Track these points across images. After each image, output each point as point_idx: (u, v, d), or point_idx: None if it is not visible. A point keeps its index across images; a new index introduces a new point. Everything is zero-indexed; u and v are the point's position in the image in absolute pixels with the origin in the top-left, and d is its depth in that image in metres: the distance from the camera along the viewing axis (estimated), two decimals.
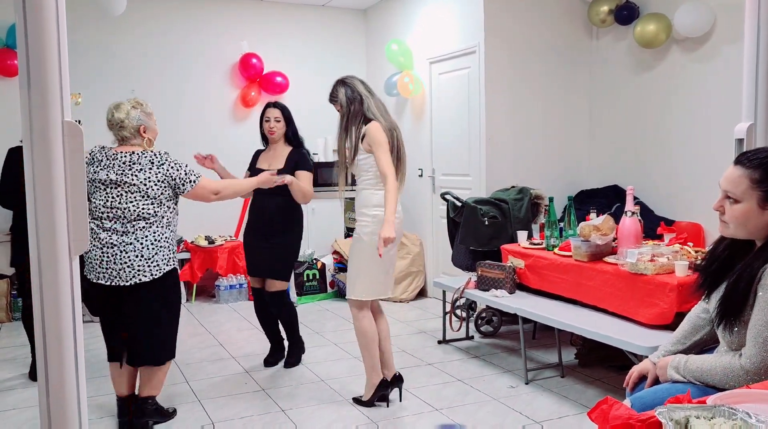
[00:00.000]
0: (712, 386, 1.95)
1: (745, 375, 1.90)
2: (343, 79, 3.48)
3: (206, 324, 5.43)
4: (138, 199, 3.09)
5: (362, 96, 3.40)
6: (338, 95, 3.43)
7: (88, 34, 6.09)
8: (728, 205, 2.00)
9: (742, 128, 2.43)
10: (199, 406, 3.62)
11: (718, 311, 2.00)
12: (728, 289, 1.98)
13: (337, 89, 3.46)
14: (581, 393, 3.69)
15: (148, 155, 3.14)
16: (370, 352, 3.48)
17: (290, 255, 4.21)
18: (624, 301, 3.52)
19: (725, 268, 2.07)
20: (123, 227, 3.08)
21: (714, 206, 2.06)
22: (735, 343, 1.98)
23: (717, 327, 2.04)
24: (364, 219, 3.39)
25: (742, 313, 1.94)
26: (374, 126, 3.34)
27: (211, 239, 6.24)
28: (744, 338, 1.93)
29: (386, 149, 3.32)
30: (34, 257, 1.45)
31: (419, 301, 6.10)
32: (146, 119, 3.22)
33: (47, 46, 1.41)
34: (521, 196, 4.84)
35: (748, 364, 1.89)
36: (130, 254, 3.07)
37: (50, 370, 1.46)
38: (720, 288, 2.05)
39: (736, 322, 1.96)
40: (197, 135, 6.49)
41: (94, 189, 3.14)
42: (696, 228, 4.69)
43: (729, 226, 2.01)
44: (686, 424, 1.26)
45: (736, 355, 1.94)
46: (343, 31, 7.19)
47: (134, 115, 3.17)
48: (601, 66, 5.58)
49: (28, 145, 1.44)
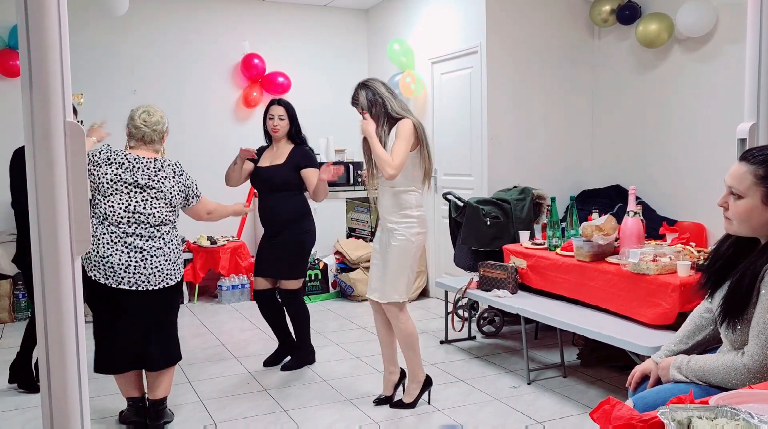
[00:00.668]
0: (715, 386, 1.95)
1: (748, 373, 1.89)
2: (365, 82, 3.47)
3: (208, 324, 5.43)
4: (162, 206, 3.14)
5: (384, 98, 3.40)
6: (359, 98, 3.42)
7: (90, 34, 6.10)
8: (732, 201, 2.00)
9: (745, 128, 2.43)
10: (202, 407, 3.62)
11: (722, 309, 2.00)
12: (731, 287, 1.98)
13: (358, 92, 3.45)
14: (583, 393, 3.69)
15: (169, 164, 3.21)
16: (416, 352, 3.51)
17: (299, 253, 4.15)
18: (626, 301, 3.52)
19: (729, 266, 2.06)
20: (148, 232, 3.09)
21: (718, 202, 2.05)
22: (738, 342, 1.98)
23: (720, 325, 2.03)
24: (407, 220, 3.39)
25: (745, 311, 1.94)
26: (407, 122, 3.34)
27: (213, 239, 6.25)
28: (747, 336, 1.93)
29: (408, 144, 3.30)
30: (36, 258, 1.45)
31: (421, 302, 6.10)
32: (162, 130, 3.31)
33: (49, 47, 1.41)
34: (523, 196, 4.83)
35: (750, 363, 1.89)
36: (161, 259, 3.11)
37: (52, 370, 1.46)
38: (723, 286, 2.04)
39: (739, 320, 1.95)
40: (199, 135, 6.51)
41: (114, 190, 3.08)
42: (698, 228, 4.68)
43: (732, 222, 2.01)
44: (688, 424, 1.26)
45: (739, 353, 1.94)
46: (345, 31, 7.19)
47: (165, 120, 3.29)
48: (603, 66, 5.58)
49: (29, 146, 1.44)
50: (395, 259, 3.40)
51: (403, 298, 3.44)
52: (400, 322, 3.46)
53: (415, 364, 3.53)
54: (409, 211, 3.41)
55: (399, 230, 3.39)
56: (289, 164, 4.05)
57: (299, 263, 4.18)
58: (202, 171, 5.23)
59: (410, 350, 3.49)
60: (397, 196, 3.40)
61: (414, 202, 3.42)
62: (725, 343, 2.06)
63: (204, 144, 6.55)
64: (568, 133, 5.64)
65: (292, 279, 4.14)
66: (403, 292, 3.43)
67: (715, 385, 1.95)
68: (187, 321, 5.57)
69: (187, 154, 5.56)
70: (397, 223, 3.40)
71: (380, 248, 3.50)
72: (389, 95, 3.42)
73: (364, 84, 3.46)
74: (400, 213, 3.40)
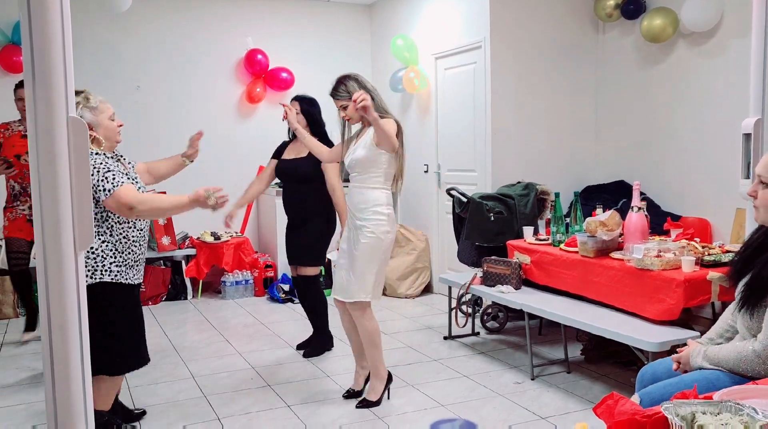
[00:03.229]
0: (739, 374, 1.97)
1: (757, 359, 1.90)
2: (352, 75, 3.44)
3: (212, 320, 5.45)
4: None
5: (372, 92, 3.36)
6: (350, 90, 3.36)
7: (92, 30, 6.11)
8: (761, 190, 2.00)
9: (750, 123, 2.42)
10: (205, 402, 3.63)
11: (743, 294, 2.01)
12: (754, 275, 2.00)
13: (346, 84, 3.39)
14: (587, 389, 3.69)
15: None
16: (378, 349, 3.50)
17: (317, 240, 4.30)
18: (630, 296, 3.51)
19: (756, 255, 2.07)
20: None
21: (748, 191, 2.06)
22: (754, 329, 1.99)
23: (739, 311, 2.05)
24: (377, 217, 3.35)
25: (764, 299, 1.94)
26: (391, 121, 3.33)
27: (216, 235, 6.25)
28: (762, 324, 1.94)
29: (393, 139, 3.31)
30: (39, 253, 1.46)
31: (425, 297, 6.10)
32: (90, 116, 2.86)
33: (52, 42, 1.41)
34: (527, 191, 4.83)
35: (759, 348, 1.90)
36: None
37: (56, 365, 1.46)
38: (748, 274, 2.06)
39: (756, 307, 1.97)
40: (202, 131, 6.49)
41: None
42: (703, 223, 4.67)
43: (760, 211, 2.01)
44: (692, 419, 1.25)
45: (751, 340, 1.95)
46: (349, 27, 7.18)
47: (80, 109, 2.83)
48: (607, 61, 5.56)
49: (32, 141, 1.44)
50: (364, 256, 3.35)
51: (369, 298, 3.40)
52: (365, 320, 3.44)
53: (377, 360, 3.51)
54: (379, 208, 3.36)
55: (369, 227, 3.35)
56: (311, 157, 4.08)
57: (316, 250, 4.31)
58: (205, 167, 5.25)
59: (373, 347, 3.48)
60: (369, 192, 3.37)
61: (384, 200, 3.38)
62: (742, 331, 2.07)
63: (207, 139, 6.48)
64: (572, 128, 5.63)
65: (309, 265, 4.31)
66: (370, 291, 3.39)
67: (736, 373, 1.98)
68: (191, 316, 5.58)
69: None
70: (367, 220, 3.36)
71: (347, 247, 3.47)
72: (375, 90, 3.41)
73: (351, 76, 3.42)
74: (371, 209, 3.35)
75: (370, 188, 3.37)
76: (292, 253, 4.36)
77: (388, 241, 3.38)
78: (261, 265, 6.24)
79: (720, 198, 4.57)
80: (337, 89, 3.43)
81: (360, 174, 3.39)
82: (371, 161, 3.34)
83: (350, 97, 3.32)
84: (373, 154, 3.33)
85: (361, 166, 3.37)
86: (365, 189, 3.38)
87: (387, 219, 3.37)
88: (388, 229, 3.37)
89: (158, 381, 3.95)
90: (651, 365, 2.37)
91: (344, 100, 3.40)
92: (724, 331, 2.21)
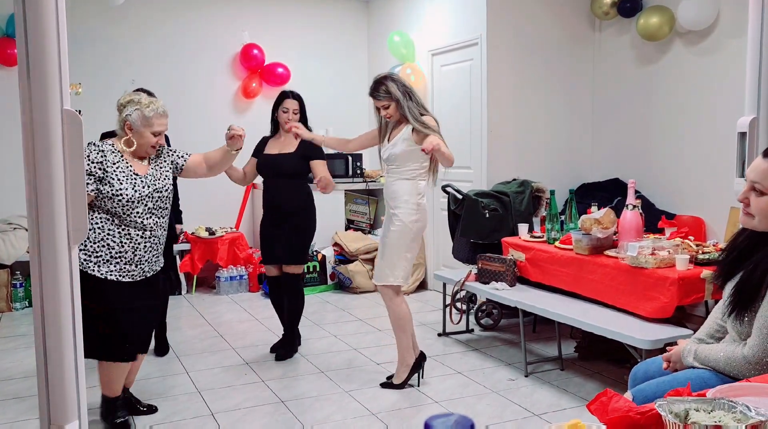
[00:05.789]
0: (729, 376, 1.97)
1: (747, 364, 1.90)
2: (390, 76, 3.58)
3: (206, 315, 5.44)
4: None
5: (410, 91, 3.55)
6: (391, 90, 3.50)
7: (88, 24, 6.07)
8: (754, 196, 1.96)
9: (745, 122, 2.42)
10: (199, 397, 3.62)
11: (732, 300, 2.00)
12: (743, 279, 1.98)
13: (386, 85, 3.52)
14: (581, 386, 3.70)
15: None
16: (407, 333, 3.65)
17: (303, 238, 4.25)
18: (624, 294, 3.52)
19: (743, 257, 2.05)
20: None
21: (738, 197, 2.02)
22: (744, 333, 1.98)
23: (728, 316, 2.03)
24: (407, 207, 3.54)
25: (754, 303, 1.93)
26: (432, 120, 3.56)
27: (211, 230, 6.24)
28: (752, 329, 1.94)
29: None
30: (33, 246, 1.45)
31: (419, 294, 6.11)
32: (138, 120, 3.06)
33: (46, 34, 1.40)
34: (522, 188, 4.83)
35: (750, 354, 1.89)
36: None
37: (49, 359, 1.46)
38: (735, 277, 2.04)
39: (747, 312, 1.96)
40: (198, 126, 6.48)
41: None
42: (697, 222, 4.68)
43: (754, 218, 1.98)
44: (686, 416, 1.26)
45: (740, 344, 1.94)
46: (346, 22, 7.16)
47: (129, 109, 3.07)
48: (603, 59, 5.56)
49: (27, 134, 1.43)
50: (392, 242, 3.57)
51: (398, 282, 3.58)
52: (394, 304, 3.62)
53: (404, 346, 3.66)
54: (409, 198, 3.55)
55: (398, 216, 3.55)
56: (298, 153, 4.09)
57: (304, 249, 4.27)
58: None
59: (401, 332, 3.64)
60: (402, 183, 3.56)
61: (416, 191, 3.57)
62: (731, 334, 2.06)
63: (202, 135, 6.52)
64: (568, 126, 5.63)
65: (296, 264, 4.23)
66: (400, 276, 3.58)
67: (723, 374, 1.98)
68: (185, 312, 5.57)
69: (186, 146, 5.53)
70: (398, 209, 3.56)
71: (382, 235, 3.69)
72: (412, 89, 3.58)
73: (390, 77, 3.57)
74: (402, 199, 3.55)
75: (404, 180, 3.56)
76: (279, 252, 4.17)
77: (416, 229, 3.57)
78: (255, 260, 6.23)
79: (714, 196, 4.58)
80: (377, 90, 3.56)
81: (398, 167, 3.57)
82: (409, 156, 3.52)
83: (390, 98, 3.50)
84: (411, 150, 3.51)
85: (400, 160, 3.55)
86: (399, 180, 3.57)
87: (416, 208, 3.55)
88: (416, 218, 3.56)
89: (151, 376, 3.94)
90: (644, 363, 2.37)
91: (384, 100, 3.54)
92: (715, 332, 2.20)
